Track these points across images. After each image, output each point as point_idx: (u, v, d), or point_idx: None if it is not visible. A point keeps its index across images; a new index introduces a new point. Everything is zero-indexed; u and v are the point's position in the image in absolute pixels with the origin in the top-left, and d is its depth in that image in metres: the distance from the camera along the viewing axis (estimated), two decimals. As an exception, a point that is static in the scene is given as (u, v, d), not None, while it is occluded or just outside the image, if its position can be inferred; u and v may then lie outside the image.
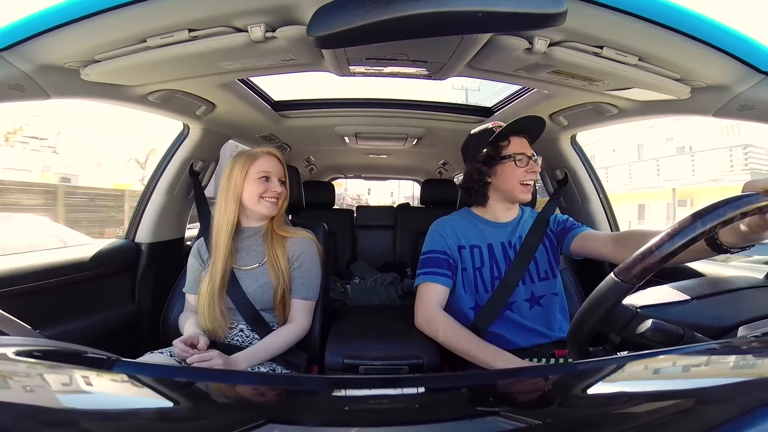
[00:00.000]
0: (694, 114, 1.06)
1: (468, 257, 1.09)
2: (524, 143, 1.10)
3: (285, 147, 2.12)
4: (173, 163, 1.51)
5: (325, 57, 1.00)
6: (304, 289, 1.10)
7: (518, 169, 1.07)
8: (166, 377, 0.46)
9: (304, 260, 1.12)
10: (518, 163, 1.07)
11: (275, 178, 1.11)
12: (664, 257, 0.45)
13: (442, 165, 2.82)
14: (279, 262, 1.07)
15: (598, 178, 1.68)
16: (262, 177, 1.08)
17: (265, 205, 1.08)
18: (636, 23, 0.75)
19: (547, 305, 1.06)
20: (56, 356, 0.50)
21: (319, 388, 0.46)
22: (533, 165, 1.08)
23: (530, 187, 1.09)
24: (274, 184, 1.10)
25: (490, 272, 1.08)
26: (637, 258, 0.46)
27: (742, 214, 0.44)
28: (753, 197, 0.45)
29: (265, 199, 1.08)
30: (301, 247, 1.12)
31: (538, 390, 0.44)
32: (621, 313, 0.52)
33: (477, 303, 1.07)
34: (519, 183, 1.07)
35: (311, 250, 1.14)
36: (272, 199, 1.09)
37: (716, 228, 0.44)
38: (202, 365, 0.85)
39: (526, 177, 1.07)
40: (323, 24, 0.70)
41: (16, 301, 1.02)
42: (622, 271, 0.47)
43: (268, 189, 1.08)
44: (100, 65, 0.89)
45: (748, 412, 0.32)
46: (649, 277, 0.47)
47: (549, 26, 0.67)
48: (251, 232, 1.13)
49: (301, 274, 1.10)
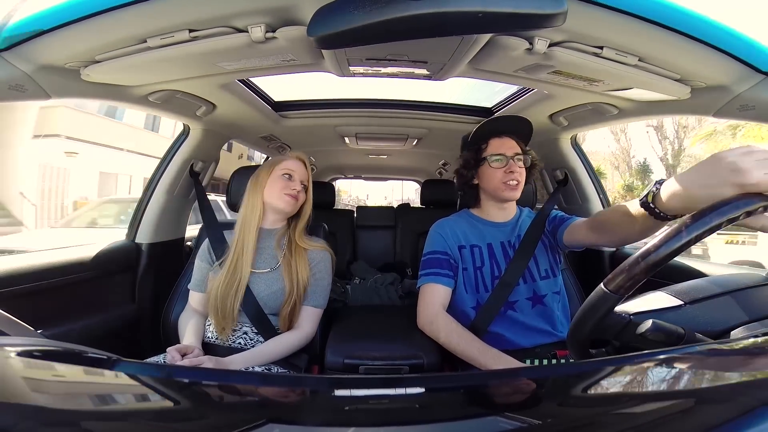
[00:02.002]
0: (695, 114, 1.07)
1: (468, 257, 1.09)
2: (505, 143, 1.09)
3: (285, 147, 2.12)
4: (173, 163, 1.51)
5: (326, 57, 1.00)
6: (315, 297, 1.10)
7: (497, 171, 1.08)
8: (166, 377, 0.46)
9: (319, 269, 1.12)
10: (493, 164, 1.08)
11: (297, 178, 1.13)
12: (650, 267, 0.45)
13: (443, 165, 2.82)
14: (299, 273, 1.07)
15: (598, 179, 1.68)
16: (285, 174, 1.12)
17: (285, 200, 1.10)
18: (636, 24, 0.75)
19: (549, 304, 1.06)
20: (57, 356, 0.50)
21: (319, 387, 0.46)
22: (512, 164, 1.07)
23: (514, 186, 1.08)
24: (295, 183, 1.12)
25: (491, 271, 1.08)
26: (624, 268, 0.47)
27: (729, 221, 0.44)
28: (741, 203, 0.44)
29: (285, 194, 1.10)
30: (319, 257, 1.13)
31: (539, 390, 0.44)
32: (614, 321, 0.52)
33: (478, 302, 1.07)
34: (501, 183, 1.08)
35: (327, 260, 1.15)
36: (292, 195, 1.10)
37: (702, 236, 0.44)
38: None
39: (505, 177, 1.07)
40: (323, 24, 0.70)
41: (16, 302, 1.02)
42: (609, 281, 0.48)
43: (288, 186, 1.10)
44: (100, 65, 0.90)
45: (748, 412, 0.32)
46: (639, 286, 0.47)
47: (549, 27, 0.68)
48: (266, 234, 1.13)
49: (314, 282, 1.11)
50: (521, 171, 1.09)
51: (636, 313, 0.55)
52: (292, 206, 1.11)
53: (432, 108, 1.71)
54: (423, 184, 2.61)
